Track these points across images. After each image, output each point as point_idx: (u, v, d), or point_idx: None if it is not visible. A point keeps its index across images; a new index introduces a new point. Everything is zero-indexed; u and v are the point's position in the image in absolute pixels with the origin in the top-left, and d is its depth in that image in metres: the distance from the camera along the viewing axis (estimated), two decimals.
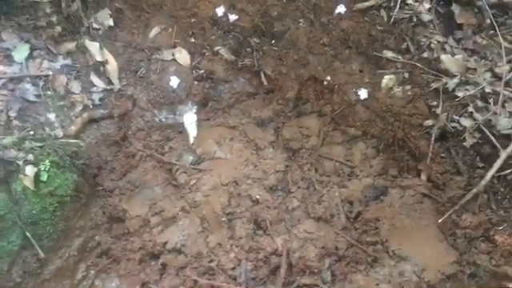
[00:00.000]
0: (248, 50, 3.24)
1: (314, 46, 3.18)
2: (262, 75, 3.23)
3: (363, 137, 3.15)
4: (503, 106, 2.82)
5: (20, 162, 2.49)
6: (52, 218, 2.62)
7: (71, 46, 3.01)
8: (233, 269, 2.73)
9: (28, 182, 2.50)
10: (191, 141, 3.11)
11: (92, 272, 2.86)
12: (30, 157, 2.53)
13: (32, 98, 2.76)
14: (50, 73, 2.86)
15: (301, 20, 3.21)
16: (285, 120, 3.22)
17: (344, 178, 3.05)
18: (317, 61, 3.17)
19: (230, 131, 3.16)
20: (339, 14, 3.16)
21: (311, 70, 3.17)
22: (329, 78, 3.14)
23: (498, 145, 2.73)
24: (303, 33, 3.19)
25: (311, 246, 2.77)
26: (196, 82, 3.19)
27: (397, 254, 2.77)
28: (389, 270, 2.73)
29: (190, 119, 3.12)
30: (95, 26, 3.10)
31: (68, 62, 2.97)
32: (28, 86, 2.78)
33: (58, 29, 2.98)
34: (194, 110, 3.16)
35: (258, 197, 2.89)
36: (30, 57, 2.86)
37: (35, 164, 2.53)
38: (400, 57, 3.11)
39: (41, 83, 2.81)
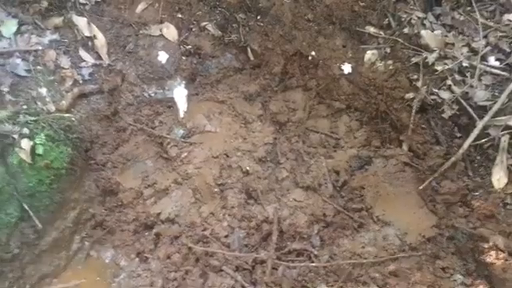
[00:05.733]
0: (234, 25, 3.28)
1: (299, 21, 3.25)
2: (249, 50, 3.30)
3: (347, 110, 3.28)
4: (479, 79, 2.96)
5: (16, 136, 2.51)
6: (48, 190, 2.65)
7: (58, 20, 3.00)
8: (226, 236, 2.83)
9: (24, 155, 2.52)
10: (181, 115, 3.17)
11: (87, 243, 2.92)
12: (26, 130, 2.55)
13: (23, 73, 2.77)
14: (40, 48, 2.86)
15: None
16: (271, 94, 3.31)
17: (330, 149, 3.18)
18: (302, 36, 3.25)
19: (218, 105, 3.23)
20: None
21: (296, 46, 3.24)
22: (313, 53, 3.23)
23: (474, 115, 2.87)
24: (288, 9, 3.25)
25: (301, 213, 2.89)
26: (184, 58, 3.23)
27: (381, 219, 2.91)
28: (373, 234, 2.88)
29: (180, 94, 3.17)
30: (82, 0, 3.08)
31: (56, 36, 2.96)
32: (18, 60, 2.79)
33: (45, 3, 2.97)
34: (183, 85, 3.21)
35: (248, 168, 2.99)
36: (18, 32, 2.85)
37: (31, 138, 2.55)
38: (382, 32, 3.21)
39: (31, 58, 2.82)
